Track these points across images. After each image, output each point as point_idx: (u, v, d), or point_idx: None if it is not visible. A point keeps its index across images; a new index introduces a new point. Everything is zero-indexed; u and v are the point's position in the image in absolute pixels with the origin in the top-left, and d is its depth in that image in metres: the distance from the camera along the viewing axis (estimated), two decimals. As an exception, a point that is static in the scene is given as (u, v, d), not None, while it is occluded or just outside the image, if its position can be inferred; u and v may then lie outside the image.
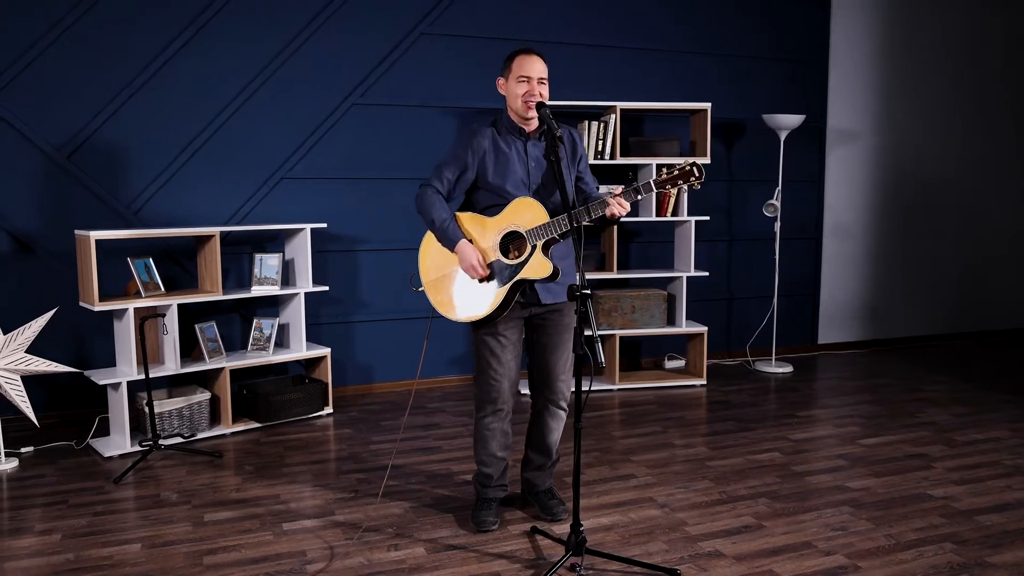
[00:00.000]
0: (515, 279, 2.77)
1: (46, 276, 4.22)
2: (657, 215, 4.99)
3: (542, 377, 2.98)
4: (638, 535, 2.92)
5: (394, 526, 3.01)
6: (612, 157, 4.86)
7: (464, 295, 2.84)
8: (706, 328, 5.06)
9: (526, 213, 2.77)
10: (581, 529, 2.61)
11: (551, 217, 2.72)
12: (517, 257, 2.79)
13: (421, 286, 2.92)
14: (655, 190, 2.69)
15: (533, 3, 5.06)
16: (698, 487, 3.38)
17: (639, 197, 2.70)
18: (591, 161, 4.83)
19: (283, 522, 3.05)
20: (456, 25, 4.91)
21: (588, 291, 2.46)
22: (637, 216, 5.07)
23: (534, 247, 2.76)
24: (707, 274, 5.19)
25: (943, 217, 6.40)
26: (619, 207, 2.67)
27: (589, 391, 2.69)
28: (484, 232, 2.82)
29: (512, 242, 2.80)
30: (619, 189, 2.72)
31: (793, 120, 5.24)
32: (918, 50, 6.12)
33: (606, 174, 5.16)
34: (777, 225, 5.44)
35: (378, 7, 4.74)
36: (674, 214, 5.02)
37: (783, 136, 5.37)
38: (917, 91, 6.16)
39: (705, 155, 5.02)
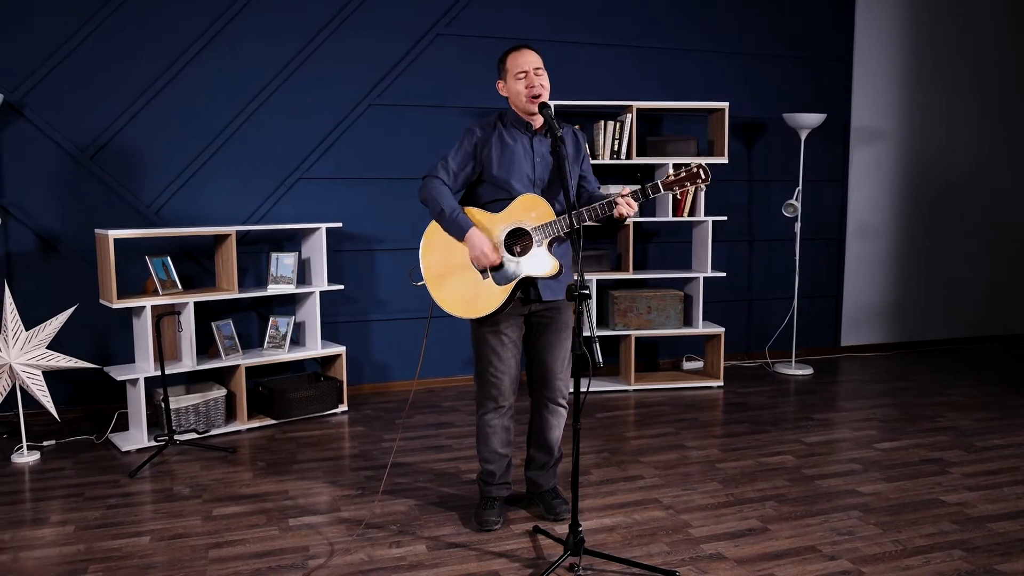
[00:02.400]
0: (520, 276, 2.78)
1: (68, 274, 4.32)
2: (673, 215, 4.95)
3: (541, 375, 2.98)
4: (640, 536, 2.91)
5: (398, 523, 3.03)
6: (628, 157, 4.84)
7: (467, 292, 2.83)
8: (723, 329, 5.01)
9: (532, 210, 2.77)
10: (580, 529, 2.61)
11: (557, 215, 2.73)
12: (521, 254, 2.79)
13: (421, 280, 2.91)
14: (662, 191, 2.71)
15: (548, 4, 5.06)
16: (705, 489, 3.36)
17: (646, 198, 2.71)
18: (608, 161, 4.82)
19: (289, 518, 3.09)
20: (472, 26, 4.92)
21: (587, 291, 2.47)
22: (654, 216, 5.04)
23: (539, 245, 2.76)
24: (724, 274, 5.13)
25: (970, 218, 6.27)
26: (627, 207, 2.68)
27: (587, 392, 2.69)
28: (490, 227, 2.82)
29: (516, 239, 2.81)
30: (627, 189, 2.72)
31: (814, 119, 5.17)
32: (944, 46, 6.01)
33: (622, 174, 5.15)
34: (797, 225, 5.37)
35: (394, 8, 4.77)
36: (691, 214, 4.98)
37: (803, 135, 5.30)
38: (944, 88, 6.05)
39: (723, 155, 4.97)
